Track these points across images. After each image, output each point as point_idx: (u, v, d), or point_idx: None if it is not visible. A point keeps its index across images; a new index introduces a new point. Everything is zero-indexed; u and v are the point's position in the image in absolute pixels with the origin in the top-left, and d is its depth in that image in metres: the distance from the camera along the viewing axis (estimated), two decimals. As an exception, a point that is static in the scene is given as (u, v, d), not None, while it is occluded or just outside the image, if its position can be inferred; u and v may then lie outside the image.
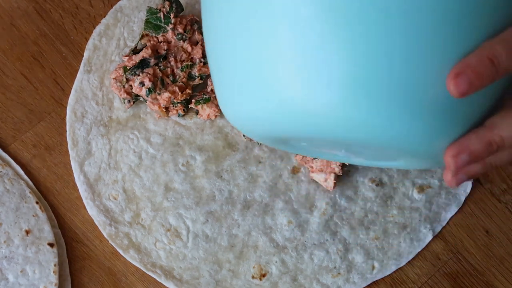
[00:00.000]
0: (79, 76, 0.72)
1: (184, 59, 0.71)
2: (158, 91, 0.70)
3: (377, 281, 0.69)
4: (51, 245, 0.67)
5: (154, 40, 0.71)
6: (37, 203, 0.68)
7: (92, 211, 0.69)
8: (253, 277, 0.69)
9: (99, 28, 0.74)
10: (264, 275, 0.69)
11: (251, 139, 0.69)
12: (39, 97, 0.72)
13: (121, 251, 0.69)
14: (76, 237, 0.69)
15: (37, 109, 0.72)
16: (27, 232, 0.67)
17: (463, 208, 0.71)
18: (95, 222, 0.69)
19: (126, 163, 0.70)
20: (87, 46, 0.73)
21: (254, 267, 0.69)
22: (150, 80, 0.69)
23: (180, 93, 0.70)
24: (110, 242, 0.69)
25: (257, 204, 0.70)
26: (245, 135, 0.68)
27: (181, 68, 0.71)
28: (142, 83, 0.69)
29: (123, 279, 0.69)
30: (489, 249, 0.70)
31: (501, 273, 0.70)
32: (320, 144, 0.51)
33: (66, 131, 0.71)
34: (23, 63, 0.73)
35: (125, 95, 0.70)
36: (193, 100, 0.71)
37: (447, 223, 0.70)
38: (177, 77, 0.71)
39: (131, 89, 0.70)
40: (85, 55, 0.73)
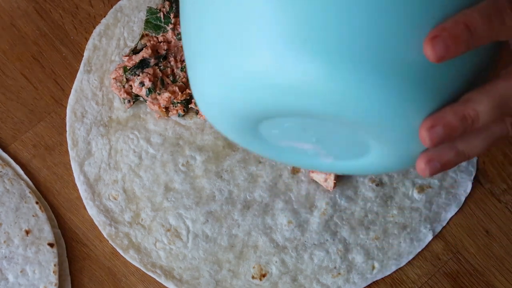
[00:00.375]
0: (79, 76, 0.72)
1: (184, 59, 0.71)
2: (158, 91, 0.69)
3: (377, 281, 0.69)
4: (51, 245, 0.67)
5: (154, 40, 0.71)
6: (37, 203, 0.68)
7: (92, 211, 0.69)
8: (253, 277, 0.69)
9: (99, 28, 0.74)
10: (264, 275, 0.69)
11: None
12: (39, 97, 0.72)
13: (121, 251, 0.69)
14: (76, 237, 0.69)
15: (37, 109, 0.72)
16: (27, 232, 0.67)
17: (463, 208, 0.71)
18: (95, 222, 0.69)
19: (126, 163, 0.70)
20: (87, 46, 0.73)
21: (254, 267, 0.69)
22: (150, 80, 0.69)
23: (180, 93, 0.70)
24: (110, 242, 0.69)
25: (257, 204, 0.70)
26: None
27: (181, 68, 0.71)
28: (142, 83, 0.69)
29: (123, 279, 0.69)
30: (489, 249, 0.70)
31: (501, 273, 0.70)
32: (289, 130, 0.48)
33: (66, 131, 0.71)
34: (23, 63, 0.73)
35: (125, 95, 0.70)
36: (193, 100, 0.71)
37: (447, 223, 0.70)
38: (177, 77, 0.71)
39: (131, 89, 0.70)
40: (85, 55, 0.73)
